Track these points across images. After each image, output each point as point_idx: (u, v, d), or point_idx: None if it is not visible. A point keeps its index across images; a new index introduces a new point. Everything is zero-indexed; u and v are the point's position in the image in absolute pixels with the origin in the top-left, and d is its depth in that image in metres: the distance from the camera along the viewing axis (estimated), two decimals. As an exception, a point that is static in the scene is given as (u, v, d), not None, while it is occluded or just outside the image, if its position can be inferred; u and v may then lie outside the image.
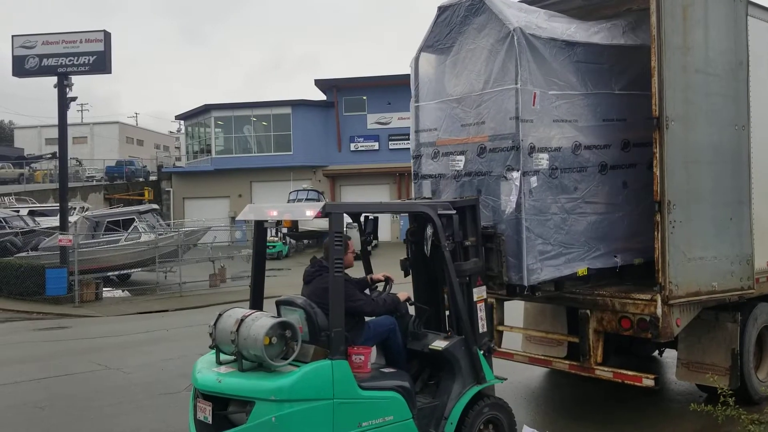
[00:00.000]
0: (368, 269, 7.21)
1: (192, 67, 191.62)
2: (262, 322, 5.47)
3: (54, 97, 24.78)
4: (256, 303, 6.45)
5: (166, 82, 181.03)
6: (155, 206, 37.44)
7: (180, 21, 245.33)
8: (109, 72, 26.02)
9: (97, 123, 75.68)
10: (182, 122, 53.97)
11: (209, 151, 47.63)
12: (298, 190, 38.34)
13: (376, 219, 7.11)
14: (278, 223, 6.85)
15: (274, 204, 6.46)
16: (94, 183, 52.25)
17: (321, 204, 5.77)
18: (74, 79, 25.29)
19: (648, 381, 7.01)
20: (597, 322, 7.36)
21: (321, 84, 45.55)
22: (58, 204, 28.74)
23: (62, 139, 25.18)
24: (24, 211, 36.92)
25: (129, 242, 25.74)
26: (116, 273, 26.12)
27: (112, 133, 74.31)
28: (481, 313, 6.77)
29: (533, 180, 6.89)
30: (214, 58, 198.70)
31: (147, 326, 16.80)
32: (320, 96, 46.85)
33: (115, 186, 51.06)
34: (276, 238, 34.19)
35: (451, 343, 6.40)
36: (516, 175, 6.77)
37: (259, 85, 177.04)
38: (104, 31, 25.66)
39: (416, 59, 7.95)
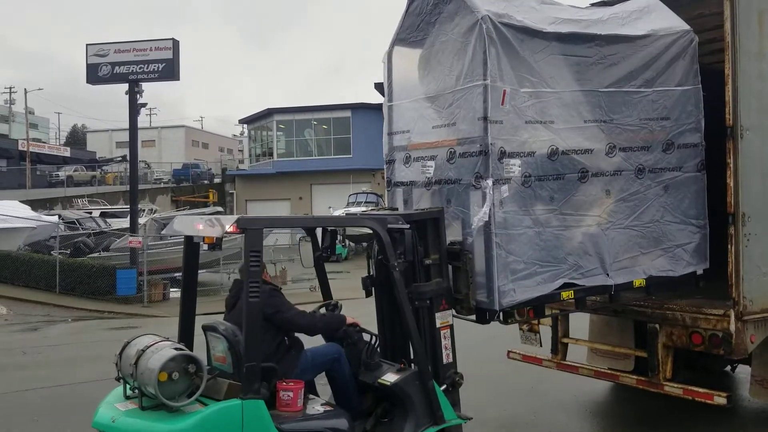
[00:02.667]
0: (326, 292, 6.36)
1: (256, 71, 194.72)
2: (160, 354, 4.57)
3: (125, 102, 25.33)
4: (185, 332, 5.54)
5: (231, 86, 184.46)
6: (219, 208, 37.64)
7: (245, 27, 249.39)
8: (178, 79, 26.51)
9: (164, 127, 76.86)
10: (246, 126, 54.16)
11: (271, 154, 47.58)
12: (357, 193, 37.73)
13: (334, 231, 6.29)
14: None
15: (202, 216, 5.61)
16: (162, 185, 52.91)
17: (235, 218, 4.95)
18: (144, 85, 25.68)
19: (720, 399, 6.51)
20: (666, 336, 6.83)
21: (381, 87, 44.49)
22: (128, 206, 29.20)
23: (133, 144, 25.65)
24: (96, 213, 37.59)
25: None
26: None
27: (178, 137, 75.34)
28: (446, 342, 5.80)
29: (504, 189, 5.78)
30: (278, 62, 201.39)
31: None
32: (380, 99, 45.72)
33: (182, 188, 51.63)
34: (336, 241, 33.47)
35: (402, 376, 5.44)
36: (487, 183, 5.69)
37: (320, 88, 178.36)
38: (173, 39, 26.04)
39: (389, 54, 6.88)
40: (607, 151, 6.46)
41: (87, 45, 26.64)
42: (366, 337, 5.93)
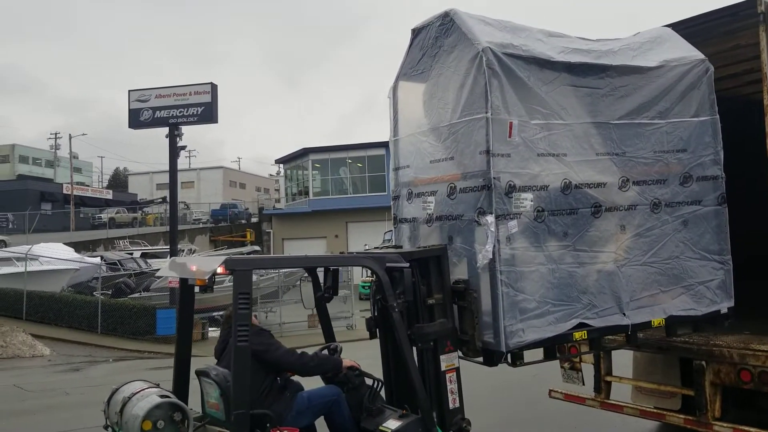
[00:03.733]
0: (328, 333, 6.12)
1: (291, 112, 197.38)
2: (145, 402, 4.35)
3: (165, 145, 25.74)
4: (180, 378, 5.27)
5: (267, 127, 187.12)
6: (257, 248, 37.67)
7: (279, 68, 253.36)
8: (216, 121, 26.93)
9: (203, 168, 77.84)
10: (282, 165, 54.54)
11: (307, 193, 47.70)
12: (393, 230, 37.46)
13: (336, 270, 6.06)
14: None
15: (196, 257, 5.41)
16: (201, 225, 53.36)
17: (222, 258, 4.74)
18: (183, 128, 26.07)
19: None
20: (714, 374, 6.50)
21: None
22: (168, 246, 29.38)
23: (173, 186, 25.94)
24: (137, 254, 37.90)
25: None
26: (221, 313, 25.96)
27: (216, 178, 76.22)
28: (452, 386, 5.49)
29: (512, 225, 5.52)
30: (311, 102, 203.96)
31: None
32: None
33: (220, 228, 51.96)
34: (370, 278, 33.28)
35: (404, 423, 5.13)
36: (489, 219, 5.42)
37: (354, 127, 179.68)
38: (211, 83, 26.42)
39: (394, 88, 6.68)
40: (620, 185, 6.15)
41: (129, 91, 27.25)
42: (370, 381, 5.66)
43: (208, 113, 26.45)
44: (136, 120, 26.85)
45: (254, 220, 55.49)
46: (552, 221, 5.76)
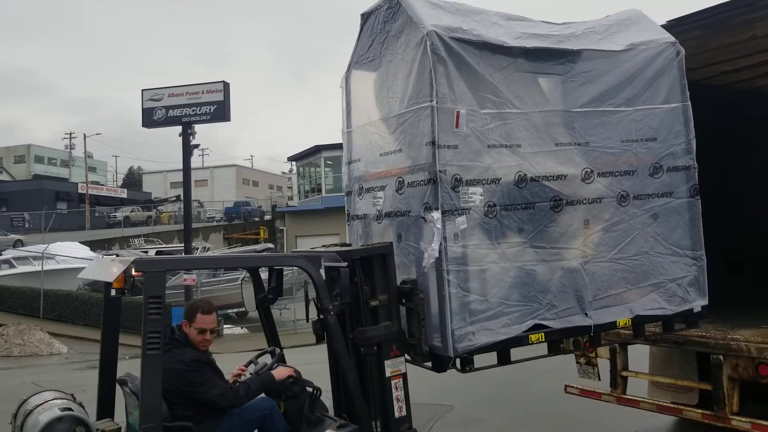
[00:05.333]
0: (273, 337, 5.77)
1: (302, 109, 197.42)
2: (45, 415, 4.04)
3: (178, 144, 25.67)
4: (105, 390, 4.88)
5: (280, 125, 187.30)
6: (270, 245, 37.50)
7: (291, 66, 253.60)
8: (228, 120, 26.95)
9: (216, 166, 77.89)
10: (294, 163, 54.28)
11: (320, 190, 47.41)
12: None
13: (280, 271, 5.71)
14: None
15: (115, 259, 5.00)
16: (214, 223, 53.29)
17: (131, 259, 4.40)
18: (196, 126, 26.00)
19: None
20: (731, 368, 6.39)
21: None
22: (182, 244, 29.32)
23: (186, 184, 25.95)
24: (152, 252, 37.85)
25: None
26: (235, 310, 26.05)
27: (229, 176, 76.21)
28: (398, 393, 5.12)
29: (460, 221, 5.14)
30: (324, 99, 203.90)
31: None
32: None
33: (233, 226, 51.82)
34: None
35: None
36: (435, 215, 5.05)
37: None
38: (224, 82, 26.43)
39: (346, 78, 6.31)
40: (583, 177, 5.75)
41: (142, 90, 27.32)
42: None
43: (220, 111, 26.55)
44: (149, 119, 26.95)
45: (267, 217, 55.31)
46: (505, 216, 5.38)
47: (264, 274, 5.75)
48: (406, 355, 5.30)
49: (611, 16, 6.41)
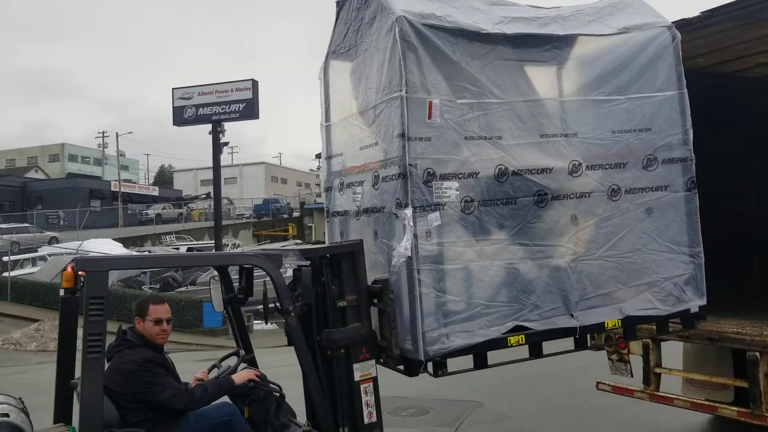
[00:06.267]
0: (243, 339, 5.55)
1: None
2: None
3: (207, 142, 25.78)
4: (63, 400, 4.67)
5: (307, 122, 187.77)
6: (299, 241, 37.40)
7: (318, 62, 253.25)
8: (257, 117, 27.21)
9: (245, 164, 78.33)
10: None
11: (348, 187, 47.38)
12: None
13: (251, 270, 5.47)
14: None
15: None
16: (244, 221, 53.56)
17: (71, 258, 4.25)
18: (225, 124, 26.10)
19: None
20: None
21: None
22: (213, 241, 29.48)
23: (216, 182, 26.14)
24: (183, 249, 38.15)
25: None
26: (261, 306, 25.94)
27: (258, 173, 76.62)
28: (368, 398, 4.88)
29: (433, 217, 4.84)
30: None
31: (292, 359, 16.28)
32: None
33: (262, 223, 52.08)
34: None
35: None
36: (407, 212, 4.75)
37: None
38: (252, 80, 26.65)
39: (324, 69, 6.05)
40: (570, 170, 5.42)
41: (173, 89, 27.61)
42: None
43: (249, 109, 26.82)
44: (180, 117, 27.27)
45: (296, 214, 55.48)
46: (484, 212, 5.08)
47: (234, 274, 5.53)
48: (380, 358, 5.04)
49: None
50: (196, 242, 42.51)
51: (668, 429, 8.24)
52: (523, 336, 5.12)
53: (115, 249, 31.77)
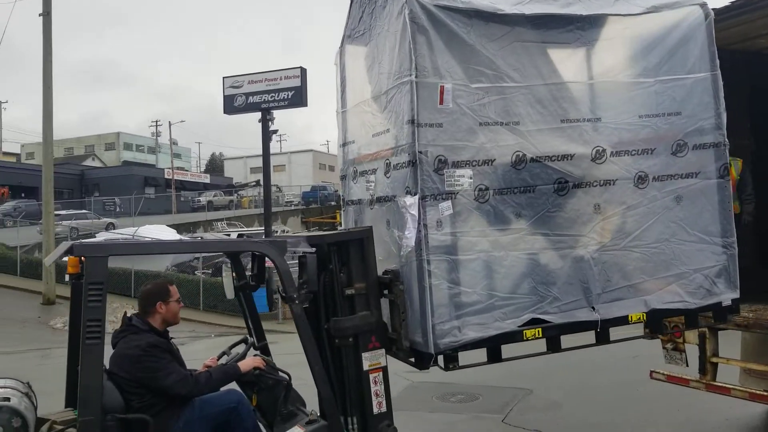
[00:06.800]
0: (255, 326, 5.46)
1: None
2: (-22, 407, 3.90)
3: (256, 130, 25.95)
4: (74, 385, 4.46)
5: None
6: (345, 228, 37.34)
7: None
8: (306, 105, 27.40)
9: (294, 152, 78.86)
10: (369, 147, 54.37)
11: (395, 173, 47.21)
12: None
13: (263, 257, 5.37)
14: None
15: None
16: (292, 207, 53.92)
17: (69, 244, 4.19)
18: (274, 112, 26.27)
19: None
20: None
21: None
22: (263, 228, 29.76)
23: (266, 169, 26.40)
24: (234, 235, 38.55)
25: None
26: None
27: (306, 161, 77.07)
28: (377, 387, 4.75)
29: (444, 206, 4.68)
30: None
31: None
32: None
33: (310, 210, 52.33)
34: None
35: (310, 431, 4.55)
36: (408, 200, 4.61)
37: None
38: (300, 67, 26.80)
39: (340, 54, 5.91)
40: (594, 157, 5.17)
41: (223, 78, 27.93)
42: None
43: (297, 97, 26.93)
44: (230, 106, 27.51)
45: (343, 201, 55.58)
46: (500, 201, 4.89)
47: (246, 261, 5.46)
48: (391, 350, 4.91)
49: None
50: (246, 228, 42.88)
51: (726, 419, 7.98)
52: (539, 329, 4.92)
53: (169, 235, 32.23)
